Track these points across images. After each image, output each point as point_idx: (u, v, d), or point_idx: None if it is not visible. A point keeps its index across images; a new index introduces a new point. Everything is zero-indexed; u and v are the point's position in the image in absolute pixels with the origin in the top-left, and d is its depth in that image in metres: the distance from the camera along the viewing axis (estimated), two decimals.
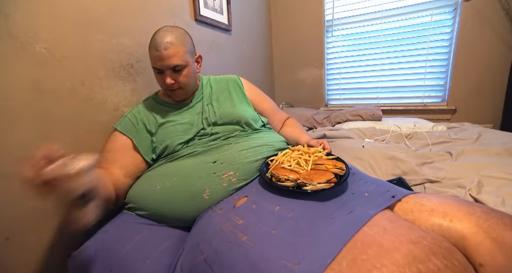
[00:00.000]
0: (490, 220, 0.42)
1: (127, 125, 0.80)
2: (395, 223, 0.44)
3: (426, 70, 1.80)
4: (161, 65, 0.76)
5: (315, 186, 0.54)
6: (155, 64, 0.77)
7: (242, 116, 0.84)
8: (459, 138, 1.22)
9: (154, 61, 0.77)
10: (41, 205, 0.68)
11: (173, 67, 0.76)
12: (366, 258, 0.37)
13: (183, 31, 0.80)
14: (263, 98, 1.02)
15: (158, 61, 0.75)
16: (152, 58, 0.77)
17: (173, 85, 0.79)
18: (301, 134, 0.90)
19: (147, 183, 0.72)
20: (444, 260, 0.36)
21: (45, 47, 0.69)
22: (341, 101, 2.15)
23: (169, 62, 0.75)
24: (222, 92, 0.92)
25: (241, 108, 0.88)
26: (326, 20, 2.05)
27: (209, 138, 0.79)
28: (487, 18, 1.57)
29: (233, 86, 0.95)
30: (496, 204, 0.64)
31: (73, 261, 0.57)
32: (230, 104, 0.88)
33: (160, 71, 0.78)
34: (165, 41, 0.74)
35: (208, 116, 0.83)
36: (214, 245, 0.48)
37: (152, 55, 0.76)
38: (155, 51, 0.75)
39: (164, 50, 0.74)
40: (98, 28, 0.83)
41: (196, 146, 0.76)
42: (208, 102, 0.88)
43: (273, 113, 1.01)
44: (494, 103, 1.65)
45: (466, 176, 0.81)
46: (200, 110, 0.85)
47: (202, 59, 0.89)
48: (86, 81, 0.79)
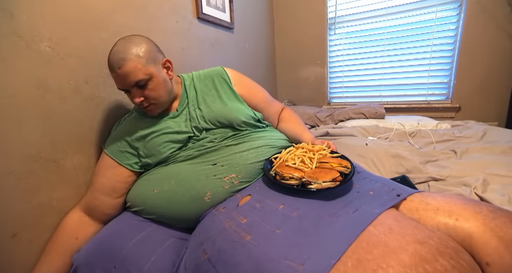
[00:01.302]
0: (497, 219, 0.42)
1: (110, 144, 0.76)
2: (401, 222, 0.44)
3: (430, 67, 1.79)
4: (122, 85, 0.69)
5: (321, 184, 0.53)
6: (118, 86, 0.71)
7: (235, 117, 0.77)
8: (464, 136, 1.21)
9: (116, 83, 0.71)
10: (46, 202, 0.69)
11: (135, 84, 0.69)
12: (371, 258, 0.37)
13: (138, 40, 0.70)
14: (255, 90, 0.91)
15: (117, 82, 0.70)
16: (114, 80, 0.70)
17: (143, 103, 0.71)
18: (303, 132, 0.86)
19: (143, 188, 0.71)
20: (451, 260, 0.36)
21: (49, 46, 0.69)
22: (344, 99, 2.14)
23: (128, 81, 0.67)
24: (209, 92, 0.82)
25: (232, 108, 0.79)
26: (329, 18, 2.03)
27: (204, 141, 0.74)
28: (492, 14, 1.55)
29: (220, 82, 0.84)
30: (502, 202, 0.64)
31: (75, 263, 0.57)
32: (219, 105, 0.79)
33: (126, 91, 0.72)
34: (117, 59, 0.66)
35: (197, 124, 0.76)
36: (218, 244, 0.47)
37: (113, 77, 0.70)
38: (112, 72, 0.68)
39: (118, 69, 0.66)
40: (101, 27, 0.83)
41: (191, 150, 0.72)
42: (195, 107, 0.80)
43: (267, 107, 0.92)
44: (499, 101, 1.63)
45: (471, 174, 0.80)
46: (188, 117, 0.78)
47: (171, 63, 0.78)
48: (90, 80, 0.79)
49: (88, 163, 0.79)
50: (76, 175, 0.76)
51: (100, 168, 0.74)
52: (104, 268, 0.54)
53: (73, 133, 0.75)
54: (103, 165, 0.74)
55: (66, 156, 0.73)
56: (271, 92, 2.12)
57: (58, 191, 0.71)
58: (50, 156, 0.69)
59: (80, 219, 0.70)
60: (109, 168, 0.73)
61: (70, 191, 0.74)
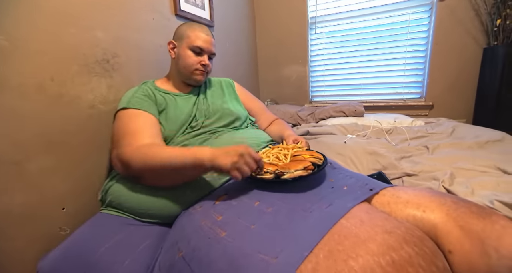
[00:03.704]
0: (459, 209, 0.44)
1: (142, 102, 0.77)
2: (372, 215, 0.45)
3: (406, 67, 1.87)
4: (207, 47, 0.84)
5: (293, 173, 0.55)
6: (202, 44, 0.83)
7: (233, 113, 0.89)
8: (435, 133, 1.27)
9: (201, 42, 0.83)
10: (7, 208, 0.64)
11: (211, 53, 0.87)
12: (342, 249, 0.37)
13: None
14: (252, 98, 1.08)
15: (205, 43, 0.84)
16: (197, 38, 0.83)
17: (207, 67, 0.87)
18: (286, 129, 0.93)
19: (129, 180, 0.70)
20: (415, 247, 0.37)
21: (6, 39, 0.64)
22: (325, 98, 2.18)
23: (212, 49, 0.86)
24: (216, 90, 0.97)
25: (232, 106, 0.92)
26: (310, 17, 2.06)
27: (196, 132, 0.80)
28: (459, 17, 1.64)
29: (226, 85, 1.02)
30: (466, 194, 0.68)
31: (41, 271, 0.53)
32: (222, 101, 0.92)
33: (200, 53, 0.85)
34: (206, 30, 0.85)
35: (203, 108, 0.87)
36: (193, 242, 0.47)
37: (199, 36, 0.83)
38: (204, 34, 0.84)
39: (211, 37, 0.85)
40: (70, 21, 0.78)
41: (185, 141, 0.77)
42: (203, 96, 0.91)
43: (260, 113, 1.05)
44: (467, 100, 1.74)
45: (441, 169, 0.84)
46: (196, 101, 0.88)
47: None
48: (56, 77, 0.75)
49: (56, 165, 0.74)
50: (41, 178, 0.71)
51: (145, 123, 0.73)
52: None
53: (38, 133, 0.70)
54: (145, 120, 0.74)
55: (31, 158, 0.68)
56: (253, 91, 2.13)
57: (20, 196, 0.66)
58: (12, 158, 0.65)
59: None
60: (155, 125, 0.75)
61: (34, 195, 0.69)
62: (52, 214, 0.74)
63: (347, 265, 0.35)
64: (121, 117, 0.74)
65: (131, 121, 0.72)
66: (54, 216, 0.74)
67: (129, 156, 0.63)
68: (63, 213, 0.76)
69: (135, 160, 0.61)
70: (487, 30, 1.58)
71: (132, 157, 0.62)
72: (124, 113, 0.75)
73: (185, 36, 0.84)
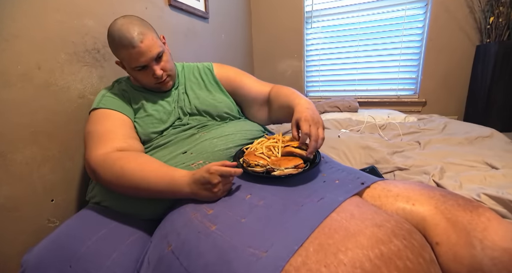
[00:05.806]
0: (447, 202, 0.45)
1: (114, 102, 0.72)
2: (362, 208, 0.45)
3: (400, 63, 1.87)
4: (145, 60, 0.68)
5: (283, 171, 0.55)
6: (137, 63, 0.68)
7: (217, 107, 0.81)
8: (427, 129, 1.28)
9: (134, 60, 0.68)
10: None
11: (156, 57, 0.70)
12: (332, 242, 0.38)
13: (134, 17, 0.71)
14: (236, 75, 0.89)
15: (139, 57, 0.67)
16: (128, 58, 0.68)
17: (163, 75, 0.73)
18: (296, 97, 0.71)
19: None
20: (404, 240, 0.37)
21: None
22: (320, 93, 2.18)
23: (151, 54, 0.68)
24: (196, 81, 0.86)
25: (215, 98, 0.83)
26: (306, 11, 2.04)
27: (183, 128, 0.76)
28: (454, 14, 1.65)
29: (205, 73, 0.88)
30: (454, 187, 0.69)
31: (24, 266, 0.52)
32: (204, 94, 0.83)
33: (144, 67, 0.70)
34: (136, 34, 0.66)
35: (183, 105, 0.80)
36: (183, 236, 0.46)
37: (129, 54, 0.67)
38: (131, 48, 0.66)
39: (141, 43, 0.66)
40: (56, 8, 0.75)
41: (170, 136, 0.73)
42: (183, 91, 0.84)
43: (252, 86, 0.87)
44: (459, 97, 1.76)
45: (431, 163, 0.86)
46: (176, 98, 0.81)
47: (165, 38, 0.81)
48: (44, 65, 0.72)
49: (43, 156, 0.72)
50: (28, 169, 0.69)
51: (114, 124, 0.69)
52: (57, 268, 0.50)
53: (24, 124, 0.68)
54: (115, 119, 0.70)
55: (16, 149, 0.66)
56: None
57: (6, 188, 0.65)
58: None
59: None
60: (126, 124, 0.71)
61: (20, 187, 0.68)
62: (40, 206, 0.72)
63: (336, 258, 0.35)
64: (90, 117, 0.71)
65: (99, 122, 0.68)
66: (43, 207, 0.73)
67: (95, 164, 0.59)
68: (51, 204, 0.75)
69: (103, 172, 0.58)
70: (480, 28, 1.59)
71: (98, 167, 0.59)
72: (94, 113, 0.70)
73: (119, 58, 0.72)
